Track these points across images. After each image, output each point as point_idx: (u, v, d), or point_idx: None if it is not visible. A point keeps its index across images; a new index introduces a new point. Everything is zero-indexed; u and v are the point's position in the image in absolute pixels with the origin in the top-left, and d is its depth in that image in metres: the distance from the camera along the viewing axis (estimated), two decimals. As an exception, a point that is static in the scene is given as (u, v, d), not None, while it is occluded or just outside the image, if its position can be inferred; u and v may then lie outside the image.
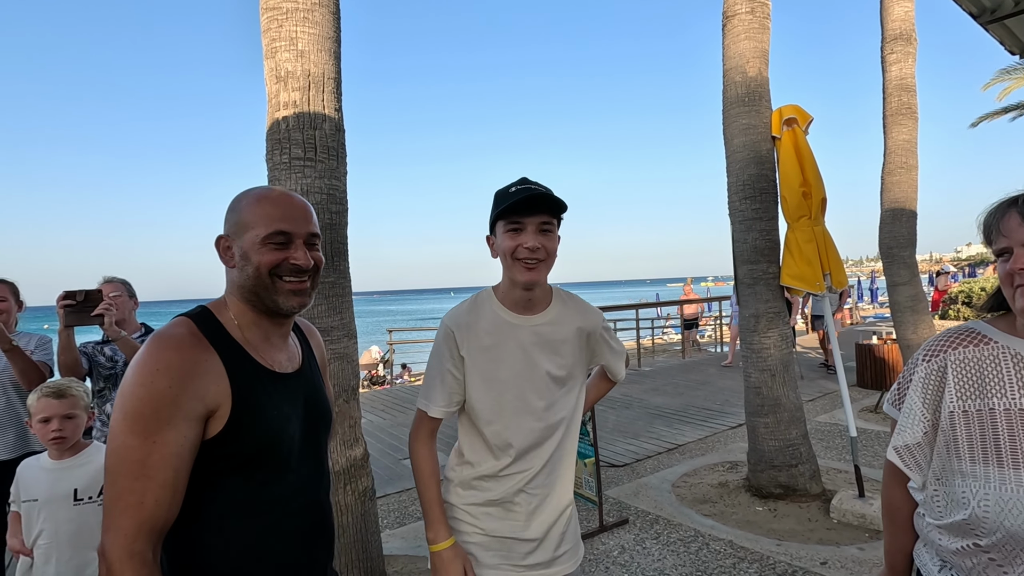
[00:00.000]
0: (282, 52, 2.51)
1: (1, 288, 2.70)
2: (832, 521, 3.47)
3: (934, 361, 1.07)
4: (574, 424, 1.45)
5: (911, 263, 5.97)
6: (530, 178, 1.36)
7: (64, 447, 1.93)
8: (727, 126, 4.12)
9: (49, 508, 1.88)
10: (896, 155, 5.93)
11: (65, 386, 1.95)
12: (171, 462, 0.92)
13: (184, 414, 0.93)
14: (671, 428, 5.87)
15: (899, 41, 5.84)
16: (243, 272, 1.05)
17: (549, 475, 1.40)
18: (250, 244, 1.04)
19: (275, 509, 1.05)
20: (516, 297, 1.38)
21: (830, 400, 6.75)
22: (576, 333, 1.43)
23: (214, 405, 0.97)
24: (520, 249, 1.30)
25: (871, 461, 4.55)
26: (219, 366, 0.98)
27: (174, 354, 0.95)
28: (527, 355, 1.36)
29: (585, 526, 3.58)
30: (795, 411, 3.93)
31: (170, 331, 0.99)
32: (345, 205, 2.69)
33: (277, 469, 1.05)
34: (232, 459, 0.99)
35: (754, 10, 3.97)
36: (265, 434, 1.02)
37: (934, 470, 1.07)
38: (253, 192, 1.10)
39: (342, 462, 2.57)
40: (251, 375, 1.03)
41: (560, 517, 1.42)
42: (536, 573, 1.39)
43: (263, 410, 1.03)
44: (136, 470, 0.90)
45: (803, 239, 3.82)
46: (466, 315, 1.38)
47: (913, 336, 5.81)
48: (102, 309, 2.51)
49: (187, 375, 0.94)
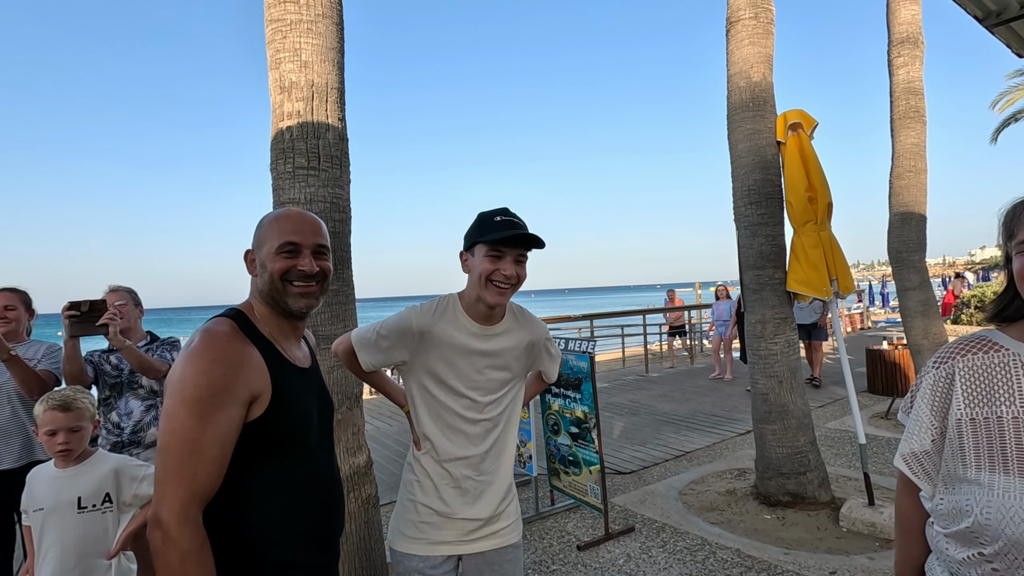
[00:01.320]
0: (286, 63, 2.54)
1: (10, 296, 2.71)
2: (841, 530, 3.43)
3: (942, 368, 1.05)
4: (513, 419, 1.67)
5: (921, 267, 5.91)
6: (511, 209, 1.55)
7: (70, 458, 1.95)
8: (732, 131, 4.12)
9: (54, 516, 1.90)
10: (904, 159, 5.88)
11: (71, 398, 1.96)
12: (220, 440, 1.05)
13: (234, 399, 1.07)
14: (678, 435, 5.83)
15: (906, 44, 5.81)
16: (262, 278, 1.23)
17: (492, 463, 1.60)
18: (267, 254, 1.22)
19: (303, 484, 1.20)
20: (479, 310, 1.56)
21: (839, 406, 6.67)
22: (523, 343, 1.64)
23: (257, 392, 1.11)
24: (497, 274, 1.48)
25: (881, 468, 4.49)
26: (259, 358, 1.14)
27: (226, 347, 1.10)
28: (477, 359, 1.56)
29: (591, 534, 3.56)
30: (803, 417, 3.89)
31: (217, 328, 1.14)
32: (348, 213, 2.71)
33: (304, 449, 1.21)
34: (269, 440, 1.13)
35: (758, 15, 3.97)
36: (296, 418, 1.19)
37: (941, 478, 1.05)
38: (274, 212, 1.30)
39: (346, 469, 2.57)
40: (283, 367, 1.19)
41: (502, 498, 1.63)
42: (477, 544, 1.59)
43: (294, 398, 1.19)
44: (191, 447, 1.03)
45: (809, 244, 3.79)
46: (431, 316, 1.56)
47: (924, 341, 5.74)
48: (107, 319, 2.53)
49: (238, 365, 1.09)
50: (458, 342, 1.54)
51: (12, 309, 2.69)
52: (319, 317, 2.55)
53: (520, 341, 1.62)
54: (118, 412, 2.73)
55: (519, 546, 1.68)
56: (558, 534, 3.61)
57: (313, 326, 2.51)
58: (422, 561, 1.56)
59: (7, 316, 2.67)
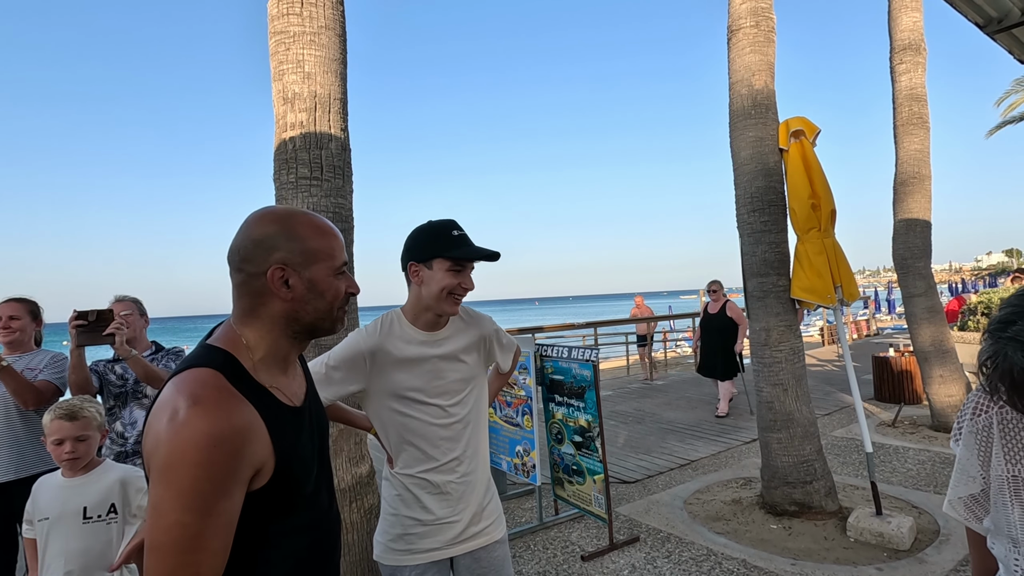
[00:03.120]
0: (289, 74, 2.56)
1: (15, 307, 2.72)
2: (849, 540, 3.39)
3: (982, 418, 1.03)
4: (482, 415, 1.70)
5: (926, 274, 5.88)
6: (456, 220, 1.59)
7: (77, 467, 1.96)
8: (734, 139, 4.12)
9: (60, 526, 1.90)
10: (908, 165, 5.87)
11: (77, 407, 1.97)
12: (225, 530, 0.90)
13: (237, 481, 0.90)
14: (683, 443, 5.79)
15: (908, 51, 5.81)
16: (314, 303, 1.05)
17: (471, 463, 1.63)
18: (323, 274, 1.05)
19: (308, 532, 1.09)
20: (428, 319, 1.60)
21: (846, 414, 6.62)
22: (475, 340, 1.69)
23: (260, 464, 0.95)
24: (458, 287, 1.55)
25: (888, 477, 4.45)
26: (259, 421, 0.95)
27: (225, 423, 0.89)
28: (436, 365, 1.59)
29: (595, 544, 3.53)
30: (809, 426, 3.86)
31: (205, 392, 0.91)
32: (351, 223, 2.72)
33: (308, 499, 1.08)
34: (273, 506, 0.99)
35: (759, 23, 3.98)
36: (301, 474, 1.04)
37: (991, 523, 1.04)
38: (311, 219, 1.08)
39: (348, 479, 2.56)
40: (282, 421, 1.01)
41: (483, 496, 1.67)
42: (466, 544, 1.62)
43: (297, 454, 1.03)
44: (192, 545, 0.85)
45: (813, 251, 3.78)
46: (377, 336, 1.57)
47: (930, 348, 5.71)
48: (113, 328, 2.54)
49: (242, 441, 0.90)
50: (411, 353, 1.57)
51: (17, 319, 2.69)
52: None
53: (470, 338, 1.67)
54: (122, 422, 2.73)
55: (505, 540, 1.72)
56: (562, 544, 3.58)
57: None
58: (413, 571, 1.57)
59: (11, 326, 2.67)
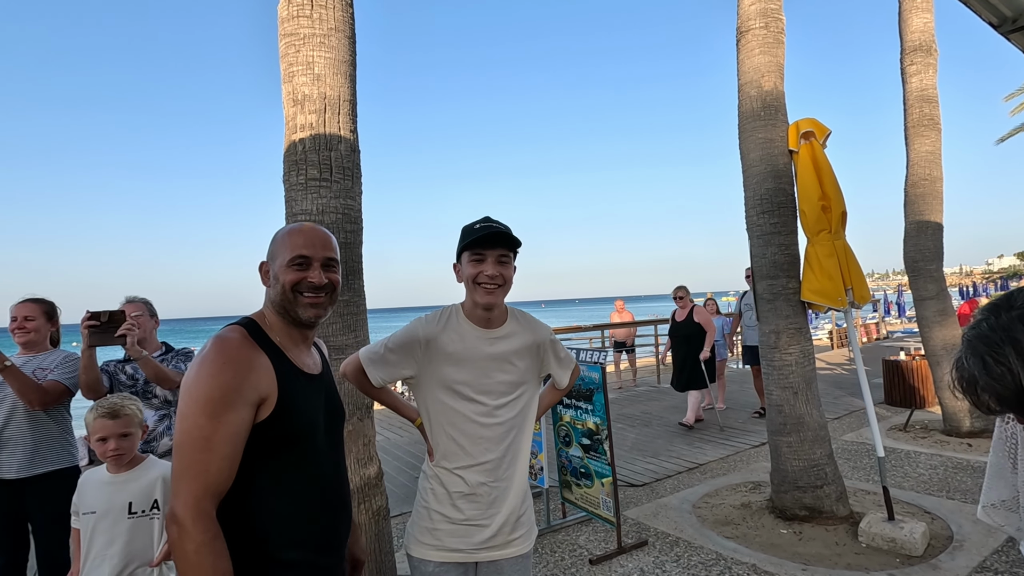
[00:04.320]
0: (299, 76, 2.57)
1: (31, 307, 2.74)
2: (860, 545, 3.35)
3: (1009, 425, 1.03)
4: (527, 424, 1.68)
5: (938, 277, 5.82)
6: (492, 217, 1.63)
7: (122, 463, 2.01)
8: (743, 140, 4.10)
9: (106, 520, 1.95)
10: (919, 167, 5.82)
11: (119, 405, 2.02)
12: (231, 439, 1.11)
13: (244, 400, 1.13)
14: (691, 447, 5.75)
15: (919, 52, 5.77)
16: (274, 289, 1.29)
17: (507, 469, 1.62)
18: (279, 267, 1.29)
19: (308, 483, 1.25)
20: (478, 315, 1.62)
21: (856, 418, 6.56)
22: (528, 345, 1.68)
23: (265, 394, 1.17)
24: (481, 276, 1.56)
25: (900, 482, 4.40)
26: (268, 363, 1.20)
27: (236, 352, 1.17)
28: (485, 363, 1.60)
29: (603, 547, 3.51)
30: (819, 430, 3.82)
31: (228, 335, 1.20)
32: (360, 224, 2.72)
33: (310, 450, 1.26)
34: (275, 441, 1.19)
35: (768, 25, 3.96)
36: (301, 420, 1.24)
37: None
38: (288, 227, 1.36)
39: (356, 480, 2.56)
40: (290, 373, 1.24)
41: (517, 506, 1.65)
42: (492, 553, 1.61)
43: (300, 401, 1.24)
44: (203, 444, 1.09)
45: (823, 253, 3.75)
46: (436, 325, 1.62)
47: (942, 352, 5.65)
48: (125, 329, 2.56)
49: (247, 368, 1.15)
50: (463, 346, 1.59)
51: (32, 319, 2.71)
52: (331, 328, 2.55)
53: (524, 342, 1.67)
54: (132, 422, 2.75)
55: (530, 555, 1.70)
56: (570, 547, 3.56)
57: (324, 336, 2.52)
58: (438, 567, 1.58)
59: (26, 326, 2.70)
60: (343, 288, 2.57)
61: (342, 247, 2.59)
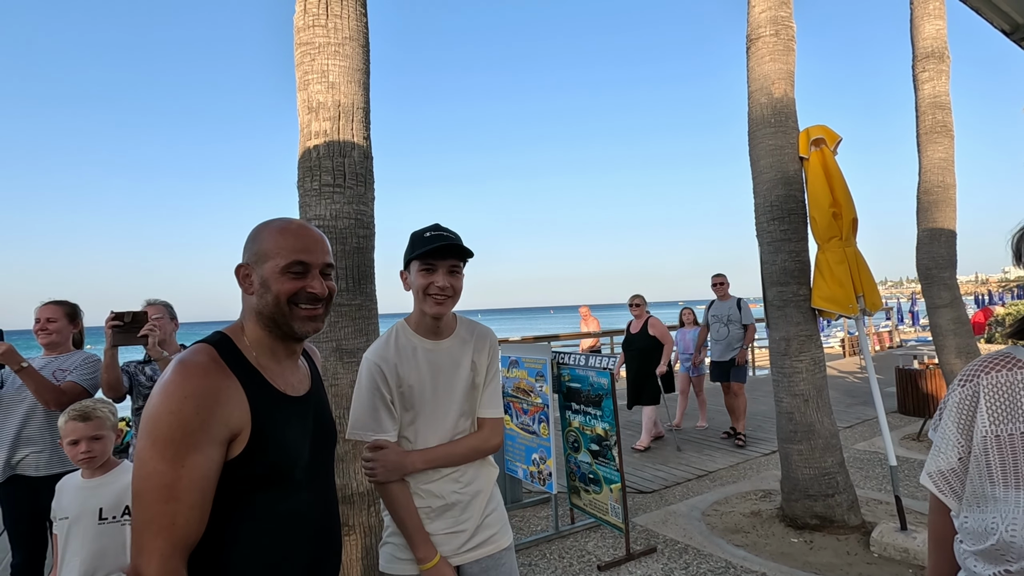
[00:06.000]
0: (314, 84, 2.62)
1: (53, 309, 2.80)
2: (872, 555, 3.32)
3: (968, 386, 1.06)
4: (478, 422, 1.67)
5: (952, 284, 5.76)
6: (441, 224, 1.59)
7: (94, 466, 2.00)
8: (753, 147, 4.10)
9: (78, 526, 1.93)
10: (932, 174, 5.78)
11: (90, 408, 2.02)
12: (198, 484, 0.96)
13: (210, 438, 0.97)
14: (700, 454, 5.72)
15: (931, 59, 5.75)
16: (262, 299, 1.11)
17: (475, 472, 1.63)
18: (271, 273, 1.11)
19: (288, 522, 1.10)
20: (427, 325, 1.60)
21: (868, 427, 6.49)
22: (480, 348, 1.67)
23: (236, 429, 1.02)
24: (432, 287, 1.53)
25: (914, 492, 4.34)
26: (240, 392, 1.04)
27: (200, 381, 0.99)
28: (441, 372, 1.59)
29: (611, 554, 3.50)
30: (830, 438, 3.79)
31: (193, 358, 1.03)
32: (372, 229, 2.76)
33: (290, 486, 1.11)
34: (250, 478, 1.04)
35: (778, 32, 3.97)
36: (280, 454, 1.08)
37: (968, 495, 1.05)
38: (274, 223, 1.17)
39: (356, 487, 2.58)
40: (267, 399, 1.09)
41: (488, 506, 1.66)
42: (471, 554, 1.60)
43: (278, 432, 1.08)
44: (166, 494, 0.94)
45: (834, 260, 3.74)
46: (385, 349, 1.58)
47: (956, 360, 5.59)
48: (147, 330, 2.63)
49: (213, 402, 0.99)
50: (412, 360, 1.57)
51: (54, 321, 2.78)
52: (343, 331, 2.59)
53: (470, 352, 1.66)
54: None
55: (512, 547, 1.71)
56: (578, 553, 3.56)
57: (337, 340, 2.55)
58: None
59: (48, 328, 2.76)
60: (355, 292, 2.61)
61: (355, 252, 2.63)
